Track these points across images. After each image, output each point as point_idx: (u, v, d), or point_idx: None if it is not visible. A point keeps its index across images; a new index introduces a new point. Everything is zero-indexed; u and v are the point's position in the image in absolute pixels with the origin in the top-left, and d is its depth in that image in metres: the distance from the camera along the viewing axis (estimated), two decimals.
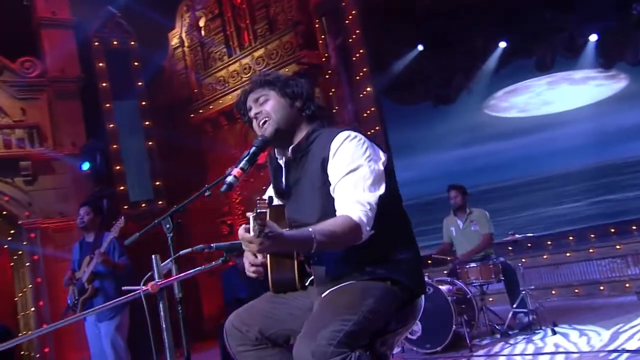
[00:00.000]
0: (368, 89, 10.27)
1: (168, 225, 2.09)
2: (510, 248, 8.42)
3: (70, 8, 10.57)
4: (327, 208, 2.03)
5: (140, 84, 11.33)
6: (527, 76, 9.93)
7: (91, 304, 4.98)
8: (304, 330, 1.92)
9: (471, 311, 5.49)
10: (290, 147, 2.19)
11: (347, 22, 10.48)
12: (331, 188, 2.05)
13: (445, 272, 6.91)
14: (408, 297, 2.10)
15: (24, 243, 9.62)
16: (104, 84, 10.87)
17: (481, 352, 5.07)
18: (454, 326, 5.14)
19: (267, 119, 2.16)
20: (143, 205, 10.62)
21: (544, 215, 9.31)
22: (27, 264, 9.61)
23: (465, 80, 10.29)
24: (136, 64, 11.37)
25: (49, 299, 9.10)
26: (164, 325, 1.98)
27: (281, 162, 2.25)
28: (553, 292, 7.93)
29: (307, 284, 2.16)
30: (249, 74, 12.10)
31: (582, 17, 9.08)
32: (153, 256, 2.09)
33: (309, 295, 2.15)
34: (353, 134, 2.10)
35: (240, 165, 2.03)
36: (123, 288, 2.05)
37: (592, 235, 8.51)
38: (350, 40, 10.45)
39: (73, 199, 9.01)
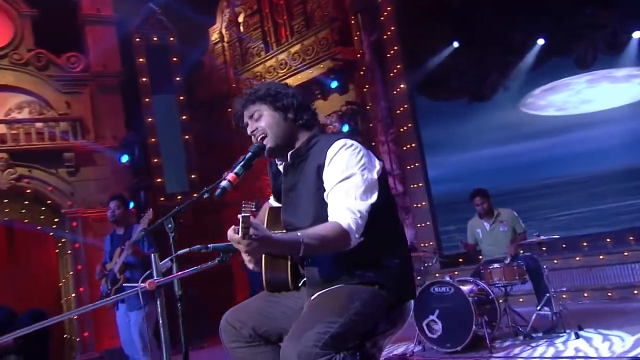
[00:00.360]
0: (402, 85, 10.26)
1: (170, 225, 2.18)
2: (544, 248, 8.30)
3: (112, 5, 10.94)
4: (321, 213, 2.08)
5: (178, 79, 11.65)
6: (566, 74, 9.67)
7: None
8: (291, 331, 1.98)
9: (493, 312, 5.44)
10: (290, 153, 2.24)
11: (382, 18, 10.49)
12: (325, 194, 2.10)
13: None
14: (396, 301, 2.15)
15: (67, 231, 10.07)
16: (144, 79, 11.23)
17: (501, 353, 5.04)
18: (474, 327, 5.12)
19: (263, 135, 2.21)
20: (179, 197, 10.93)
21: (579, 216, 9.10)
22: (69, 251, 10.05)
23: (501, 78, 10.11)
24: (175, 59, 11.69)
25: (89, 286, 9.49)
26: (161, 321, 2.08)
27: (280, 166, 2.32)
28: (585, 294, 7.76)
29: (300, 284, 2.22)
30: (285, 70, 12.25)
31: (625, 13, 8.81)
32: (152, 255, 2.20)
33: (302, 295, 2.21)
34: (349, 142, 2.14)
35: (235, 170, 2.09)
36: (124, 285, 2.16)
37: (631, 238, 8.28)
38: (385, 36, 10.46)
39: (113, 190, 9.32)
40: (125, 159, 10.07)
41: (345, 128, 11.01)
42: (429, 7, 9.80)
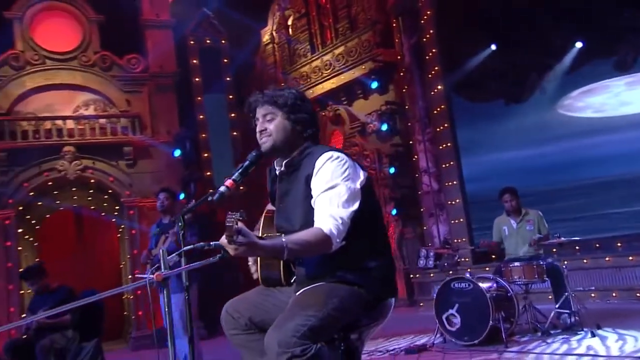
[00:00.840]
0: (439, 87, 10.24)
1: (180, 224, 2.33)
2: (577, 247, 8.19)
3: (170, 10, 11.37)
4: (309, 219, 2.18)
5: (228, 79, 11.98)
6: (605, 76, 9.40)
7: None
8: (275, 322, 2.10)
9: (511, 308, 5.46)
10: (284, 162, 2.35)
11: (422, 22, 10.47)
12: (312, 201, 2.21)
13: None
14: (375, 299, 2.26)
15: (125, 219, 10.60)
16: (197, 79, 11.64)
17: (515, 348, 5.05)
18: (490, 322, 5.15)
19: (268, 136, 2.32)
20: None
21: (616, 217, 8.87)
22: (126, 237, 10.59)
23: (538, 80, 9.93)
24: (225, 60, 12.04)
25: (143, 270, 9.96)
26: (165, 309, 2.26)
27: (278, 172, 2.41)
28: (614, 294, 7.60)
29: (292, 281, 2.34)
30: (329, 70, 12.41)
31: None
32: (160, 250, 2.40)
33: (293, 291, 2.32)
34: (335, 154, 2.25)
35: (233, 177, 2.23)
36: (136, 275, 2.36)
37: None
38: (424, 39, 10.45)
39: (166, 182, 9.73)
40: (177, 153, 10.49)
41: (384, 127, 11.11)
42: (468, 11, 9.74)
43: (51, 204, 10.86)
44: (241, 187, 2.45)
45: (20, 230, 10.52)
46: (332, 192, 2.16)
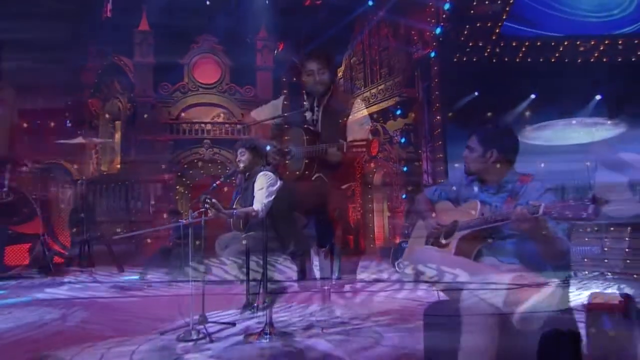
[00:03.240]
0: (438, 117, 10.95)
1: (202, 198, 2.96)
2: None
3: (273, 59, 12.87)
4: (252, 202, 3.24)
5: (305, 103, 13.31)
6: (553, 118, 9.72)
7: None
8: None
9: None
10: (247, 174, 3.51)
11: (431, 72, 11.15)
12: (253, 194, 3.30)
13: None
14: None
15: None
16: (285, 103, 13.03)
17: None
18: None
19: (242, 164, 3.56)
20: (297, 172, 12.70)
21: None
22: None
23: (507, 117, 10.40)
24: (304, 91, 13.37)
25: None
26: (189, 241, 2.90)
27: (244, 179, 3.62)
28: None
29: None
30: (373, 100, 13.36)
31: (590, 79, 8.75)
32: (190, 211, 3.34)
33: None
34: (266, 172, 3.30)
35: (221, 179, 3.33)
36: (180, 220, 3.54)
37: None
38: (432, 84, 11.15)
39: None
40: (268, 149, 12.03)
41: (403, 140, 12.01)
42: (460, 68, 10.38)
43: (197, 173, 12.70)
44: None
45: (178, 187, 12.59)
46: (261, 191, 3.23)
